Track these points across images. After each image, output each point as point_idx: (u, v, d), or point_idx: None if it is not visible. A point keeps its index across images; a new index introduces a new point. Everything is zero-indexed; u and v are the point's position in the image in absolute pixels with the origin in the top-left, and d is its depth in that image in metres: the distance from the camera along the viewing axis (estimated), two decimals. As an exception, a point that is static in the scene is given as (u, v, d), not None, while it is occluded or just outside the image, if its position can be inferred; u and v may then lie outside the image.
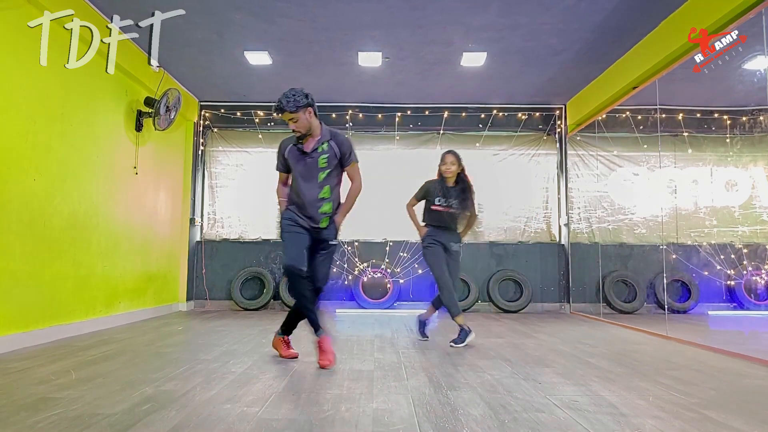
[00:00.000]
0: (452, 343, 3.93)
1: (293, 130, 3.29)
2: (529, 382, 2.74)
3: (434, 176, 4.28)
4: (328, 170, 3.35)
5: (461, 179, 4.19)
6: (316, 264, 3.34)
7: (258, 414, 2.13)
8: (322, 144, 3.33)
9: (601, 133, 6.75)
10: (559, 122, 7.35)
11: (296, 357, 3.43)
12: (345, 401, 2.34)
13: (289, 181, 3.51)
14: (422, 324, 4.41)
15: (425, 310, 4.44)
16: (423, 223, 4.28)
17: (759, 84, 4.44)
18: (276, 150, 3.53)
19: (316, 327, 3.26)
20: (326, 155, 3.33)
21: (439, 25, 4.97)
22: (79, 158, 4.51)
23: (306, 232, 3.31)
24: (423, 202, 4.29)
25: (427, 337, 4.36)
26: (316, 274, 3.32)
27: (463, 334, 3.94)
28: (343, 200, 3.49)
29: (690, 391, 2.57)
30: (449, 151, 4.24)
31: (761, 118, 6.23)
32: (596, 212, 7.13)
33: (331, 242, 3.37)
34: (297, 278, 3.20)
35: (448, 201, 4.13)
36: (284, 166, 3.48)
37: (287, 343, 3.50)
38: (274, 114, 3.30)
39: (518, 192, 7.32)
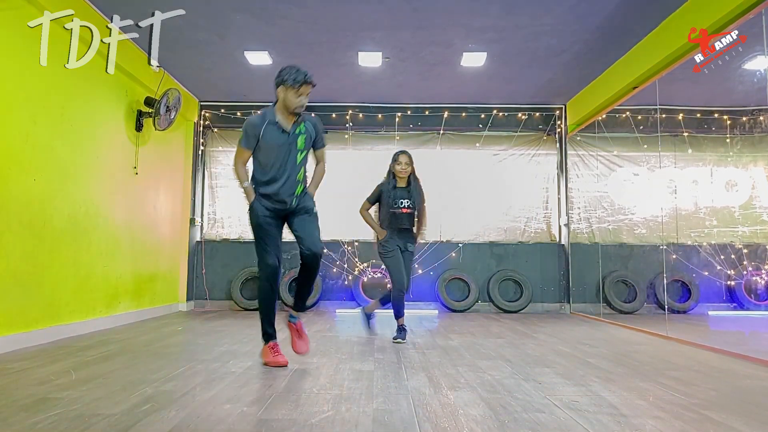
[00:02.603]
0: (396, 340, 4.14)
1: (297, 107, 3.17)
2: (530, 383, 2.74)
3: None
4: (305, 152, 3.26)
5: (412, 179, 4.25)
6: (303, 228, 3.17)
7: (258, 414, 2.13)
8: (300, 124, 3.24)
9: (601, 134, 6.74)
10: (559, 122, 7.35)
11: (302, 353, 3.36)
12: (345, 401, 2.34)
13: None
14: (368, 317, 4.56)
15: (371, 303, 4.65)
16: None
17: (759, 84, 4.44)
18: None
19: (264, 333, 3.20)
20: (304, 136, 3.25)
21: (439, 26, 4.97)
22: (79, 158, 4.51)
23: (278, 221, 3.21)
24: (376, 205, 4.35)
25: (376, 333, 4.52)
26: (306, 239, 3.14)
27: (404, 332, 4.20)
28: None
29: (690, 392, 2.57)
30: (403, 152, 4.25)
31: (761, 118, 6.23)
32: (596, 212, 7.13)
33: (313, 209, 3.26)
34: (273, 278, 3.12)
35: (402, 202, 4.18)
36: (253, 144, 3.19)
37: (298, 332, 3.33)
38: (297, 86, 3.14)
39: (518, 192, 7.31)
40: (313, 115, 3.40)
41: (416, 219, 4.26)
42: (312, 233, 3.18)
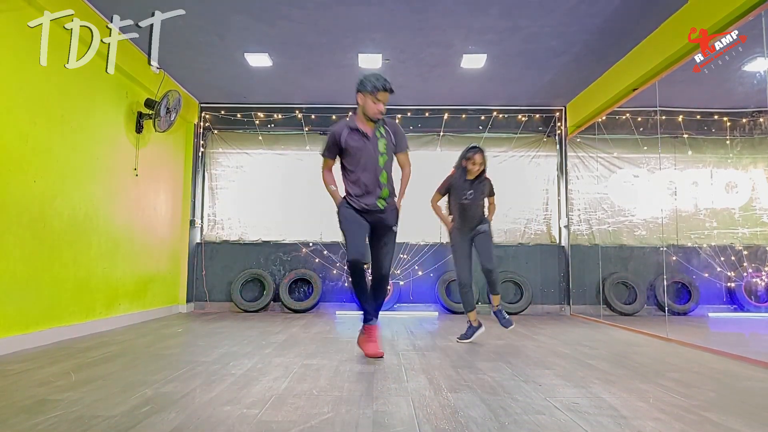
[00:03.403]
0: (461, 340, 4.22)
1: (375, 113, 3.30)
2: (530, 384, 2.74)
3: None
4: (386, 155, 3.36)
5: (481, 173, 4.28)
6: (378, 253, 3.40)
7: (258, 416, 2.13)
8: (380, 128, 3.35)
9: (601, 135, 6.75)
10: (559, 124, 7.36)
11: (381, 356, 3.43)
12: (345, 403, 2.34)
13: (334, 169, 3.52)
14: (500, 312, 4.44)
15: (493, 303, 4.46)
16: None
17: (759, 86, 4.44)
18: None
19: (367, 317, 3.41)
20: (385, 140, 3.35)
21: (439, 28, 4.98)
22: (79, 160, 4.51)
23: (365, 221, 3.34)
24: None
25: (512, 325, 4.41)
26: (379, 263, 3.38)
27: (473, 330, 4.23)
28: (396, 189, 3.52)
29: (690, 393, 2.57)
30: (478, 150, 4.21)
31: (761, 119, 6.23)
32: (596, 214, 7.13)
33: (393, 228, 3.41)
34: (360, 271, 3.27)
35: (467, 193, 4.22)
36: (334, 153, 3.42)
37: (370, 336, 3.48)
38: (375, 93, 3.28)
39: (518, 194, 7.31)
40: (393, 118, 3.56)
41: (484, 207, 4.34)
42: (386, 259, 3.43)
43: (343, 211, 3.40)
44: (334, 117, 7.25)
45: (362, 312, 3.49)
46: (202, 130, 7.27)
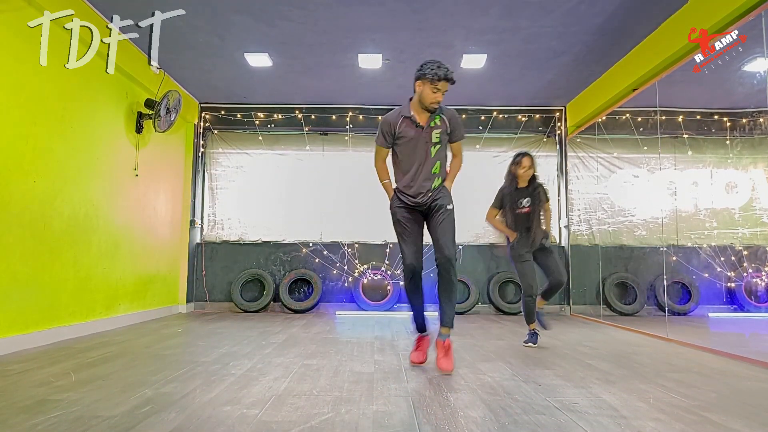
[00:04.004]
0: (526, 344, 4.09)
1: (432, 102, 3.16)
2: (530, 385, 2.74)
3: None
4: (440, 145, 3.26)
5: (533, 179, 4.20)
6: (436, 233, 3.19)
7: (258, 416, 2.13)
8: (435, 118, 3.24)
9: (601, 135, 6.75)
10: (559, 124, 7.36)
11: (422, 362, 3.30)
12: (345, 403, 2.34)
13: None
14: (539, 316, 4.25)
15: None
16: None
17: (759, 86, 4.44)
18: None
19: (420, 327, 3.35)
20: (439, 129, 3.24)
21: (439, 28, 4.98)
22: (79, 160, 4.51)
23: (419, 216, 3.26)
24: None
25: (547, 328, 4.34)
26: (439, 243, 3.16)
27: (536, 337, 4.11)
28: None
29: (691, 394, 2.57)
30: (526, 154, 4.18)
31: (761, 120, 6.23)
32: (596, 214, 7.13)
33: (447, 206, 3.24)
34: (417, 277, 3.22)
35: (522, 202, 4.14)
36: (389, 141, 3.29)
37: (445, 350, 3.17)
38: (435, 81, 3.13)
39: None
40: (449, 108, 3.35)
41: (541, 217, 4.19)
42: (447, 236, 3.19)
43: (395, 212, 3.28)
44: (334, 117, 7.26)
45: (417, 323, 3.38)
46: (202, 130, 7.27)
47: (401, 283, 7.00)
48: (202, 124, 7.27)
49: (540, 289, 4.19)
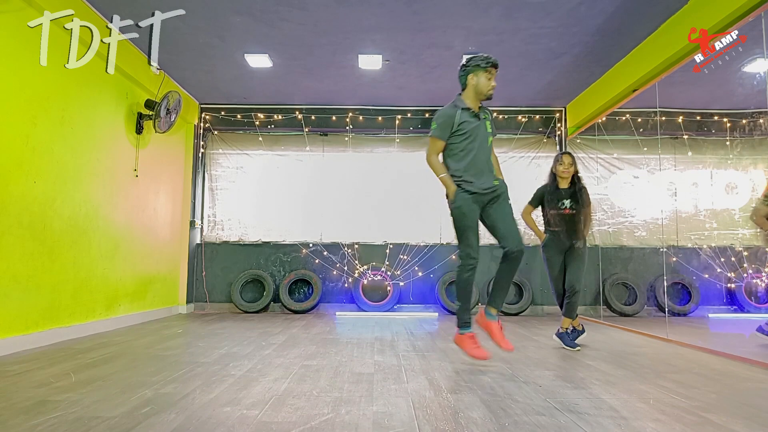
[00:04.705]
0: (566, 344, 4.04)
1: (490, 89, 3.31)
2: (530, 385, 2.74)
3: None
4: (491, 136, 3.36)
5: (575, 180, 4.16)
6: (505, 225, 3.26)
7: (258, 417, 2.12)
8: (483, 109, 3.35)
9: (601, 136, 6.75)
10: (559, 125, 7.36)
11: (487, 358, 3.26)
12: (345, 404, 2.33)
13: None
14: (566, 335, 4.10)
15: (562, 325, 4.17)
16: (542, 229, 4.27)
17: (759, 87, 4.44)
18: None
19: (469, 323, 3.31)
20: (489, 121, 3.35)
21: (439, 29, 4.98)
22: (79, 161, 4.51)
23: (477, 211, 3.28)
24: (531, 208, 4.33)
25: (578, 347, 4.05)
26: (511, 235, 3.24)
27: (575, 333, 4.09)
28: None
29: (691, 395, 2.57)
30: (567, 153, 4.18)
31: (761, 120, 6.23)
32: (596, 215, 7.12)
33: (508, 196, 3.34)
34: (472, 269, 3.24)
35: (564, 202, 4.10)
36: (447, 134, 3.28)
37: (501, 329, 3.29)
38: (489, 68, 3.29)
39: (518, 194, 7.25)
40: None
41: (582, 220, 4.10)
42: (513, 225, 3.27)
43: (461, 205, 3.22)
44: (334, 118, 7.26)
45: (464, 319, 3.31)
46: (202, 130, 7.27)
47: (401, 283, 7.00)
48: (202, 124, 7.27)
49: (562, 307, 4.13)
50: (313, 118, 7.31)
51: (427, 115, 7.27)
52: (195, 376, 2.88)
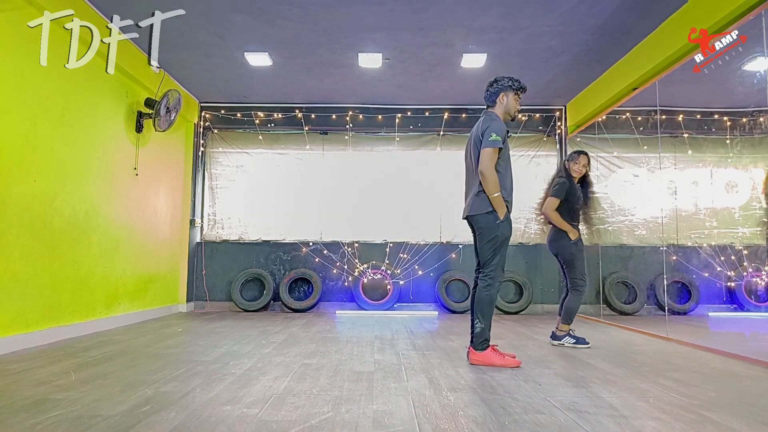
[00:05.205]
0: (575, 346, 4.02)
1: (516, 110, 3.39)
2: (530, 384, 2.74)
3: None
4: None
5: (585, 176, 4.23)
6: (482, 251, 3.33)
7: (258, 415, 2.13)
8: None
9: (601, 135, 6.75)
10: (559, 123, 7.36)
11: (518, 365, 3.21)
12: (345, 403, 2.34)
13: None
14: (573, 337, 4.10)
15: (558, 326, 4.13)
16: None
17: (759, 85, 4.44)
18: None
19: (484, 340, 3.24)
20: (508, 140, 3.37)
21: (439, 27, 4.98)
22: (79, 159, 4.51)
23: None
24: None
25: (588, 343, 4.05)
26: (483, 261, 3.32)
27: (582, 340, 4.06)
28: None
29: (690, 393, 2.57)
30: (584, 152, 4.21)
31: (761, 119, 6.23)
32: (596, 214, 7.12)
33: None
34: (499, 287, 3.25)
35: (585, 200, 4.18)
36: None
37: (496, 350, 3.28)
38: (518, 93, 3.36)
39: (518, 193, 7.25)
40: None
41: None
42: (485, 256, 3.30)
43: (508, 228, 3.22)
44: (333, 116, 7.26)
45: (485, 336, 3.23)
46: (202, 129, 7.27)
47: (401, 282, 7.01)
48: (202, 123, 7.27)
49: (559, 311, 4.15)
50: (313, 116, 7.31)
51: (427, 113, 7.27)
52: (195, 375, 2.88)
